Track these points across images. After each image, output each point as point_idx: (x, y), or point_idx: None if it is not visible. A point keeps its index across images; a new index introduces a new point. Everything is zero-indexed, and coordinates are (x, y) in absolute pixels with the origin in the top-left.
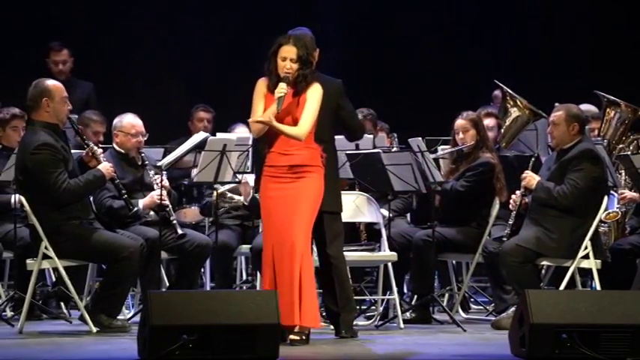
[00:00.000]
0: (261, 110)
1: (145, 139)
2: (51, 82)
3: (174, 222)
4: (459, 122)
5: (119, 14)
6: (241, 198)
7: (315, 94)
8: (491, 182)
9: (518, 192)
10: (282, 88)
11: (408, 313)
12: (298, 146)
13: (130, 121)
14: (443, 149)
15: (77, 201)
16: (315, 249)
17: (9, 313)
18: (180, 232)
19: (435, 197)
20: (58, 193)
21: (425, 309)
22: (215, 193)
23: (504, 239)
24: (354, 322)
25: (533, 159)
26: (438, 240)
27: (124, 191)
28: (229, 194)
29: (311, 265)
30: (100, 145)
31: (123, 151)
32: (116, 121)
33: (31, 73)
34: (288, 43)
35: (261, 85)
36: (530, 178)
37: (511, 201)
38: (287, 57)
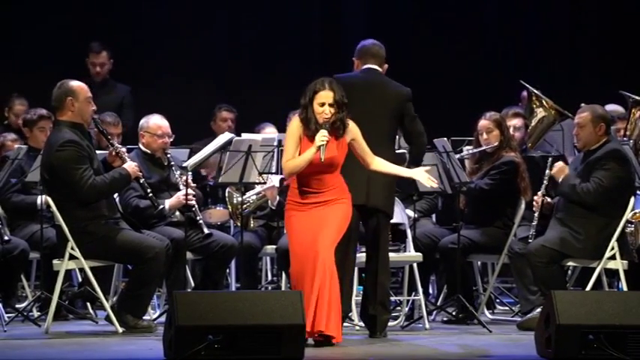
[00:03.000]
0: (295, 153)
1: (171, 140)
2: (75, 83)
3: (201, 221)
4: (483, 123)
5: (146, 16)
6: (254, 196)
7: (358, 132)
8: (516, 181)
9: (539, 193)
10: (323, 136)
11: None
12: (332, 186)
13: (156, 122)
14: (468, 149)
15: (102, 198)
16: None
17: (36, 313)
18: (206, 231)
19: (459, 198)
20: (84, 189)
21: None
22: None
23: (530, 240)
24: None
25: (550, 159)
26: (464, 244)
27: (149, 190)
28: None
29: (335, 278)
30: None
31: (149, 151)
32: (142, 121)
33: (62, 74)
34: (324, 88)
35: (297, 126)
36: (562, 167)
37: (534, 202)
38: (325, 102)
